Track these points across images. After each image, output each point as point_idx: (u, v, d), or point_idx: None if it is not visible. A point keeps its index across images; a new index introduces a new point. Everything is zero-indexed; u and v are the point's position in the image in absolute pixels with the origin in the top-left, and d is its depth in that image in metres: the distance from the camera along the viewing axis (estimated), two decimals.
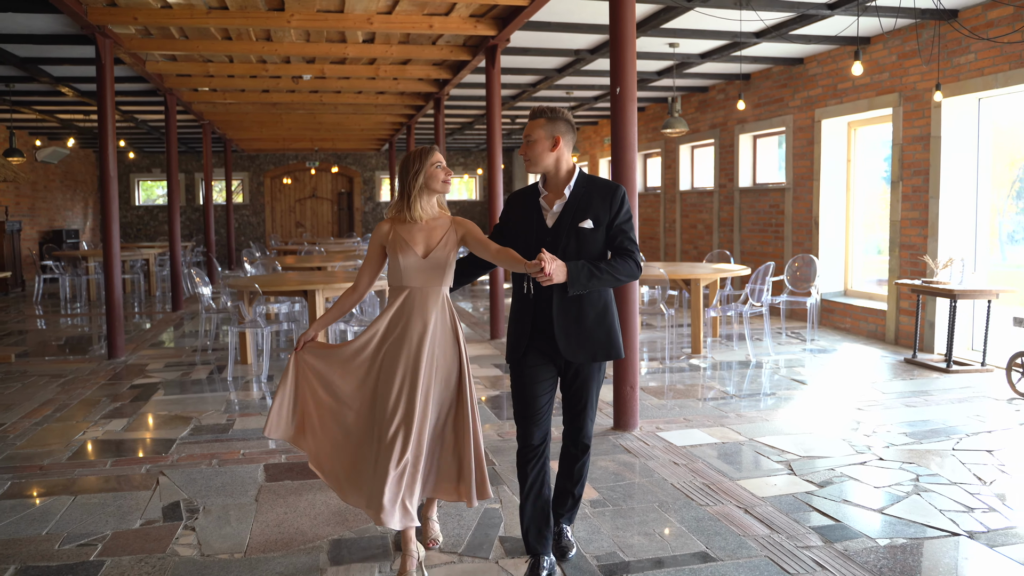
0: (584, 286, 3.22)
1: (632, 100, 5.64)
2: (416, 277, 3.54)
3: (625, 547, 3.80)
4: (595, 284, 3.25)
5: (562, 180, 3.45)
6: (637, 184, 5.72)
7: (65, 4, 7.31)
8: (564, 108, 3.61)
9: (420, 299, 3.55)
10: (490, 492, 3.62)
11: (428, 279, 3.54)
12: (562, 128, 3.41)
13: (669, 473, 4.84)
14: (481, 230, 3.59)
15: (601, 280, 3.26)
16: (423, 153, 3.57)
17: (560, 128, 3.41)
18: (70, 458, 5.27)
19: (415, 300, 3.55)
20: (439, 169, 3.56)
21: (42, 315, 12.63)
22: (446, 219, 3.63)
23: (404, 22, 8.44)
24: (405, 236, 3.56)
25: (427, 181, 3.55)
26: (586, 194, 3.41)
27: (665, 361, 8.30)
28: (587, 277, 3.21)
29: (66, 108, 14.71)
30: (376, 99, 13.93)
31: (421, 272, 3.53)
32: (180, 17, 8.10)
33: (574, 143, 3.50)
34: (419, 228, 3.57)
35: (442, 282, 3.58)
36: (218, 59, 10.69)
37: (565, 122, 3.43)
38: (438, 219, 3.62)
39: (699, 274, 8.55)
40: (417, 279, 3.54)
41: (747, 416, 6.12)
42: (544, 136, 3.41)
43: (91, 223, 23.10)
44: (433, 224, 3.60)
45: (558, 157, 3.42)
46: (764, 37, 9.18)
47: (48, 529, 4.08)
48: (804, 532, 3.94)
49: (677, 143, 14.57)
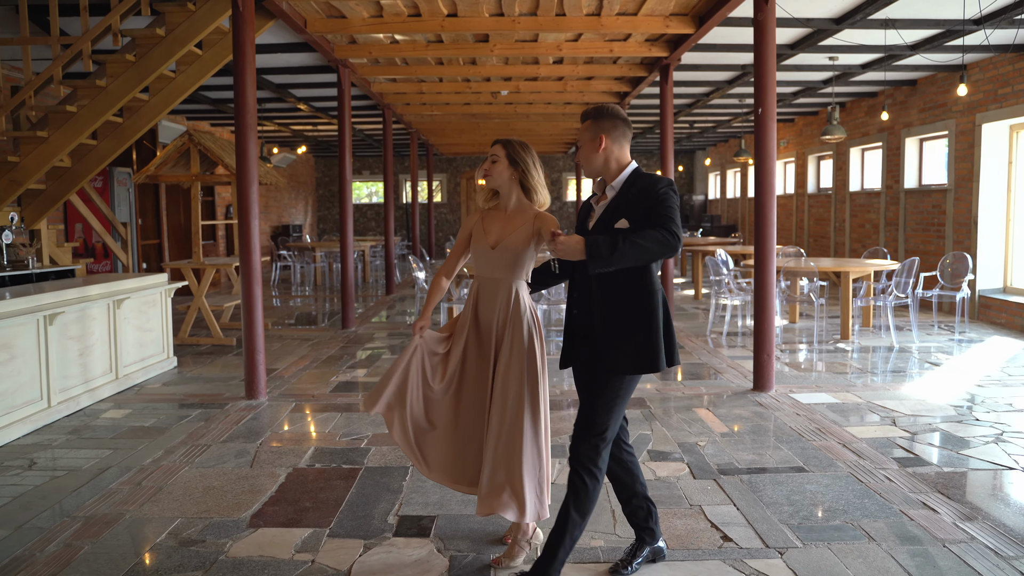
0: (606, 260, 2.94)
1: (772, 119, 6.85)
2: (484, 267, 3.54)
3: (739, 460, 5.10)
4: (619, 257, 2.94)
5: (612, 179, 3.32)
6: (776, 188, 6.83)
7: (318, 44, 9.25)
8: (615, 105, 3.40)
9: (487, 289, 3.56)
10: (534, 512, 3.52)
11: (495, 270, 3.52)
12: (606, 125, 3.27)
13: (789, 419, 6.04)
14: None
15: (624, 251, 2.94)
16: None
17: (604, 126, 3.27)
18: (331, 391, 7.10)
19: (482, 290, 3.59)
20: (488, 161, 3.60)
21: (278, 296, 15.05)
22: (531, 212, 3.56)
23: (588, 48, 9.90)
24: (485, 226, 3.59)
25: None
26: (629, 192, 3.23)
27: (814, 344, 9.32)
28: (609, 249, 2.93)
29: (300, 121, 17.20)
30: (563, 108, 15.49)
31: (488, 262, 3.53)
32: (404, 50, 9.93)
33: (629, 138, 3.34)
34: (501, 218, 3.58)
35: (512, 275, 3.52)
36: (430, 80, 12.57)
37: (611, 118, 3.29)
38: (525, 211, 3.57)
39: (848, 268, 9.50)
40: (485, 269, 3.54)
41: (872, 386, 7.15)
42: (590, 137, 3.29)
43: (310, 219, 26.10)
44: (515, 215, 3.56)
45: (606, 156, 3.28)
46: (918, 50, 9.97)
47: (329, 429, 5.85)
48: (885, 461, 5.07)
49: (848, 147, 15.25)
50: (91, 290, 6.78)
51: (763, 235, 6.91)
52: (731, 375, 7.63)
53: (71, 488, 4.64)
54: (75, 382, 6.45)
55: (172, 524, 4.12)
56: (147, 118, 7.97)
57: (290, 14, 7.94)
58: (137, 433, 5.78)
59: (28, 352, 5.84)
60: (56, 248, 9.00)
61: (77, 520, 4.17)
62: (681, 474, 4.85)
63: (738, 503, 4.36)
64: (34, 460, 5.18)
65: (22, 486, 4.68)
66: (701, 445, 5.42)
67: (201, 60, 7.74)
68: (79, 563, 3.68)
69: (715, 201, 25.57)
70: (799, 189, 18.08)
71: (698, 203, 25.95)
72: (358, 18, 8.58)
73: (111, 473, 4.90)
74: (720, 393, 6.94)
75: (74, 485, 4.69)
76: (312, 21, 8.58)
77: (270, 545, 3.87)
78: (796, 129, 18.28)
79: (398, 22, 8.59)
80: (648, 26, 8.74)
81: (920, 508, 4.25)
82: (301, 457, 5.21)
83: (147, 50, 7.26)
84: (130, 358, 7.35)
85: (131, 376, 7.33)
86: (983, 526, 4.01)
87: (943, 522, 4.07)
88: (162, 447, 5.43)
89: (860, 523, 4.07)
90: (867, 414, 6.21)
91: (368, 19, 8.61)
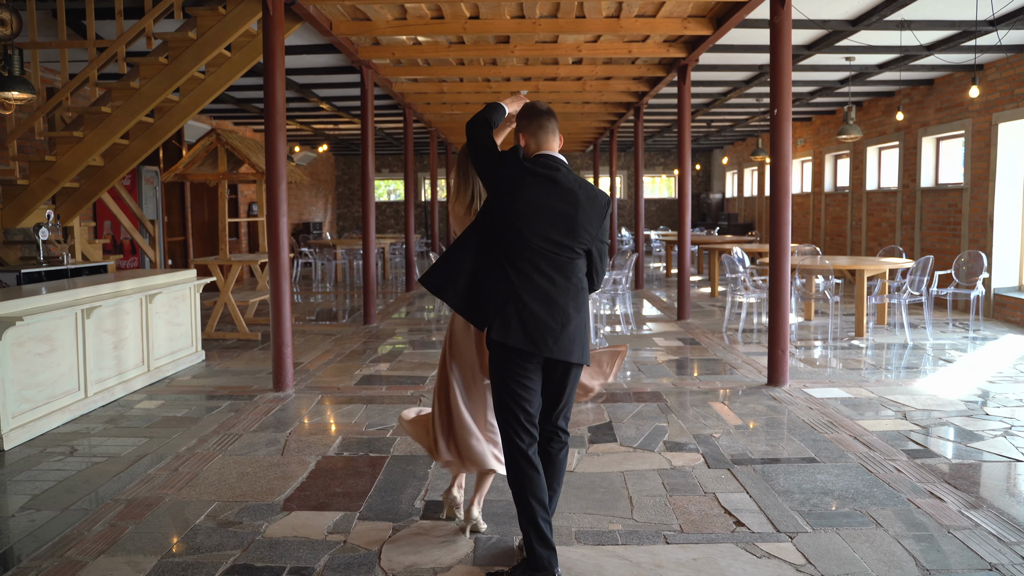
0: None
1: (787, 120, 6.99)
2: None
3: (752, 450, 5.26)
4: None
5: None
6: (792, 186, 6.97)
7: (343, 45, 9.45)
8: (533, 103, 3.70)
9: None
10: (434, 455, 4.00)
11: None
12: (522, 124, 3.58)
13: (802, 413, 6.19)
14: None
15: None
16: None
17: (520, 124, 3.58)
18: (356, 384, 7.31)
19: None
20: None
21: (300, 292, 15.31)
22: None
23: (608, 49, 10.07)
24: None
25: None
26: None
27: (828, 341, 9.45)
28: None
29: (321, 120, 17.44)
30: (582, 108, 15.64)
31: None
32: (427, 51, 10.13)
33: (545, 127, 3.54)
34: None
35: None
36: (451, 79, 12.76)
37: (523, 116, 3.59)
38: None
39: (863, 265, 9.63)
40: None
41: (884, 381, 7.29)
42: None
43: (330, 216, 26.39)
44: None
45: (527, 146, 3.58)
46: (934, 50, 10.07)
47: (355, 420, 6.05)
48: (895, 452, 5.22)
49: (864, 145, 15.34)
50: (125, 285, 7.03)
51: (778, 233, 7.05)
52: (746, 370, 7.79)
53: (112, 473, 4.87)
54: (110, 374, 6.69)
55: (210, 507, 4.34)
56: (177, 118, 8.21)
57: (317, 17, 8.15)
58: (171, 423, 6.01)
59: (67, 344, 6.08)
60: (88, 244, 9.26)
61: (119, 503, 4.39)
62: (696, 464, 5.02)
63: (750, 491, 4.53)
64: (75, 447, 5.41)
65: (65, 471, 4.91)
66: (716, 437, 5.58)
67: (230, 62, 7.97)
68: (125, 541, 3.90)
69: (732, 199, 25.66)
70: (816, 188, 18.17)
71: (715, 201, 26.04)
72: (382, 21, 8.78)
73: (148, 460, 5.13)
74: (735, 388, 7.09)
75: (114, 471, 4.92)
76: (338, 23, 8.79)
77: (304, 527, 4.07)
78: (813, 128, 18.36)
79: (421, 24, 8.79)
80: (666, 27, 8.89)
81: (927, 497, 4.41)
82: (329, 446, 5.41)
83: (179, 52, 7.48)
84: (161, 351, 7.59)
85: (162, 369, 7.57)
86: (987, 514, 4.16)
87: (949, 510, 4.22)
88: (196, 436, 5.65)
89: (868, 510, 4.23)
90: (879, 408, 6.35)
91: (392, 21, 8.81)
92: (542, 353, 3.37)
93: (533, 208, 3.37)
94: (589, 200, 3.44)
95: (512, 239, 3.38)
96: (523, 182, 3.40)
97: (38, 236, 7.86)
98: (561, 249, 3.39)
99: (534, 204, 3.37)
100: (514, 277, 3.37)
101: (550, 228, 3.37)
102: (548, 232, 3.37)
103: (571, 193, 3.42)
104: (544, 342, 3.35)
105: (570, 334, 3.40)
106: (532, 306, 3.36)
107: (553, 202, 3.39)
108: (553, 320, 3.37)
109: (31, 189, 7.99)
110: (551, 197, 3.39)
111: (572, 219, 3.39)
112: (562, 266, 3.41)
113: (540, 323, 3.35)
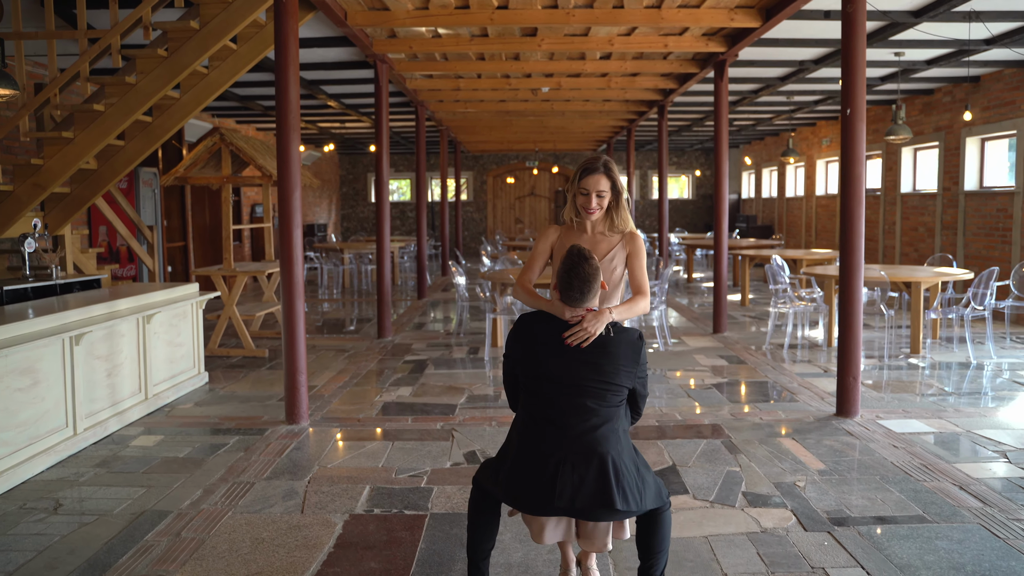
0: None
1: (861, 120, 6.24)
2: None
3: (849, 505, 4.52)
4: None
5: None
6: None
7: (356, 37, 8.71)
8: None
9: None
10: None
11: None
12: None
13: (888, 454, 5.45)
14: (644, 254, 3.48)
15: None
16: (578, 172, 3.45)
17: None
18: (377, 414, 6.56)
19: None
20: (584, 196, 3.42)
21: (306, 299, 14.54)
22: (620, 233, 3.49)
23: (642, 42, 9.32)
24: (564, 241, 3.47)
25: (575, 200, 3.46)
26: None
27: (884, 359, 8.70)
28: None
29: (328, 118, 16.68)
30: (603, 106, 14.89)
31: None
32: (447, 44, 9.38)
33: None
34: (586, 239, 3.47)
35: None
36: (468, 76, 12.01)
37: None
38: (610, 233, 3.49)
39: (920, 277, 8.88)
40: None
41: (965, 411, 6.54)
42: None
43: (334, 218, 25.62)
44: (602, 237, 3.47)
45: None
46: (994, 44, 9.32)
47: (382, 463, 5.30)
48: (1016, 508, 4.48)
49: (899, 146, 14.58)
50: (120, 304, 6.28)
51: (850, 245, 6.29)
52: (806, 396, 7.04)
53: (102, 539, 4.12)
54: (102, 405, 5.94)
55: None
56: (178, 117, 7.45)
57: (331, 5, 7.40)
58: (171, 466, 5.26)
59: (53, 376, 5.33)
60: (80, 254, 8.51)
61: None
62: (788, 524, 4.28)
63: (865, 564, 3.79)
64: (60, 501, 4.66)
65: (47, 535, 4.16)
66: (800, 486, 4.84)
67: (236, 55, 7.21)
68: None
69: (748, 201, 24.91)
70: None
71: (731, 203, 25.28)
72: (402, 10, 8.03)
73: (146, 519, 4.38)
74: (801, 419, 6.35)
75: (105, 535, 4.17)
76: (353, 13, 8.04)
77: None
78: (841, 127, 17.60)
79: (444, 14, 8.04)
80: (711, 19, 8.15)
81: None
82: (356, 500, 4.66)
83: (179, 44, 6.73)
84: (160, 376, 6.85)
85: (161, 396, 6.83)
86: None
87: None
88: (200, 485, 4.90)
89: None
90: (973, 447, 5.62)
91: (412, 11, 8.06)
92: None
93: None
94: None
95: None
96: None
97: (24, 248, 7.11)
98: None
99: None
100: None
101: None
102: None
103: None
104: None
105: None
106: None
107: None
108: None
109: (16, 195, 7.22)
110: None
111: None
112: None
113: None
